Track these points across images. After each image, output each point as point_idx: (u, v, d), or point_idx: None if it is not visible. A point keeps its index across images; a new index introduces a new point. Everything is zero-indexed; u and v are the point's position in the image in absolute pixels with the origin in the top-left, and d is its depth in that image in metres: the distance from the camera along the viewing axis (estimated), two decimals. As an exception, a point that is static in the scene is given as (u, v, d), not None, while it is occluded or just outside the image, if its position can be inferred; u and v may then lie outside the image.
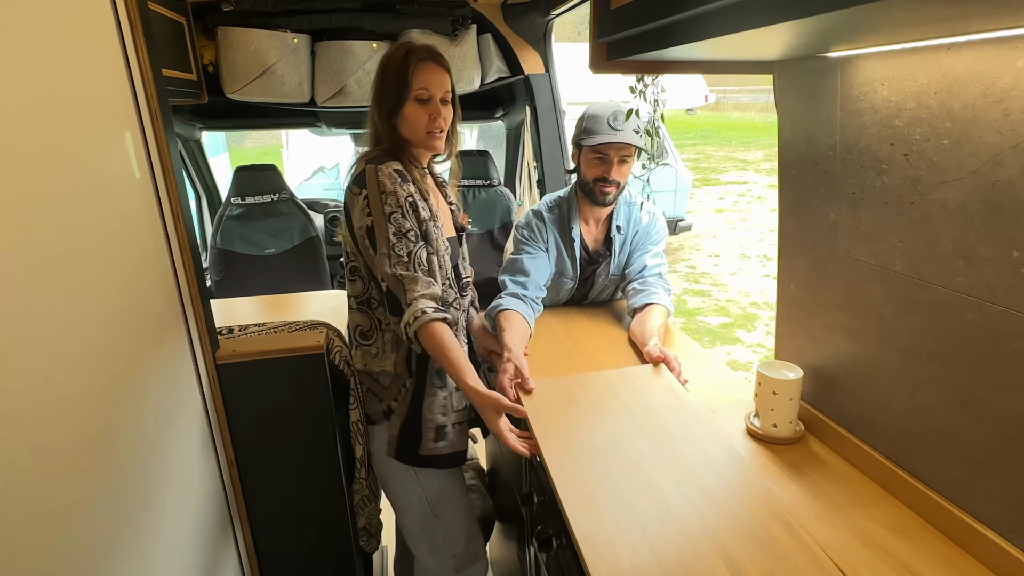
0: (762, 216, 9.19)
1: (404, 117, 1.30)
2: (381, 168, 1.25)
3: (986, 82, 0.75)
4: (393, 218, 1.23)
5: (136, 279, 0.98)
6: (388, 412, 1.38)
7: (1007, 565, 0.83)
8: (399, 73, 1.28)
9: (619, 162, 1.59)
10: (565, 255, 1.74)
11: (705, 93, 9.19)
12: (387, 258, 1.22)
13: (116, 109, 0.98)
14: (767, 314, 5.73)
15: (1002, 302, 0.79)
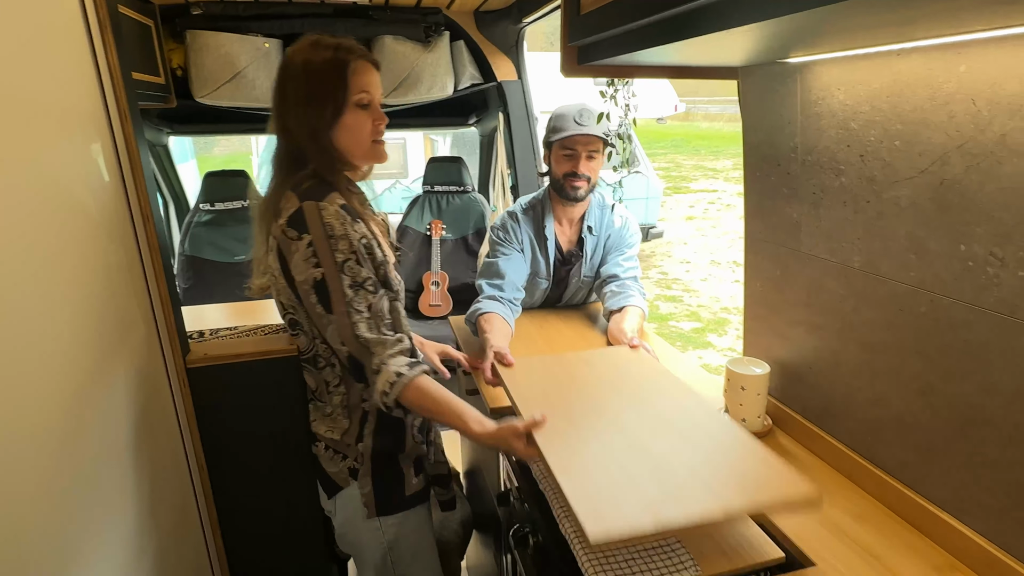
0: (731, 223, 9.39)
1: (345, 127, 1.09)
2: (324, 207, 1.04)
3: (933, 86, 0.80)
4: (347, 267, 1.04)
5: (106, 282, 0.97)
6: (353, 471, 1.20)
7: (960, 543, 0.87)
8: (333, 75, 1.07)
9: (587, 157, 1.64)
10: (539, 255, 1.77)
11: (675, 103, 9.39)
12: (346, 317, 1.04)
13: (85, 113, 0.97)
14: (737, 319, 5.84)
15: (951, 294, 0.84)
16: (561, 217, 1.77)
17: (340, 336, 1.05)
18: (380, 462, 1.20)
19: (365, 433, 1.19)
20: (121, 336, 1.01)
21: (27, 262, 0.75)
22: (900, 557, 0.90)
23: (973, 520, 0.86)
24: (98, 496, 0.87)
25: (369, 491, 1.20)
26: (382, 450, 1.20)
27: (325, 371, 1.16)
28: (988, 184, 0.76)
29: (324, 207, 1.04)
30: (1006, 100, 0.71)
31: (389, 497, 1.22)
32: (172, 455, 1.17)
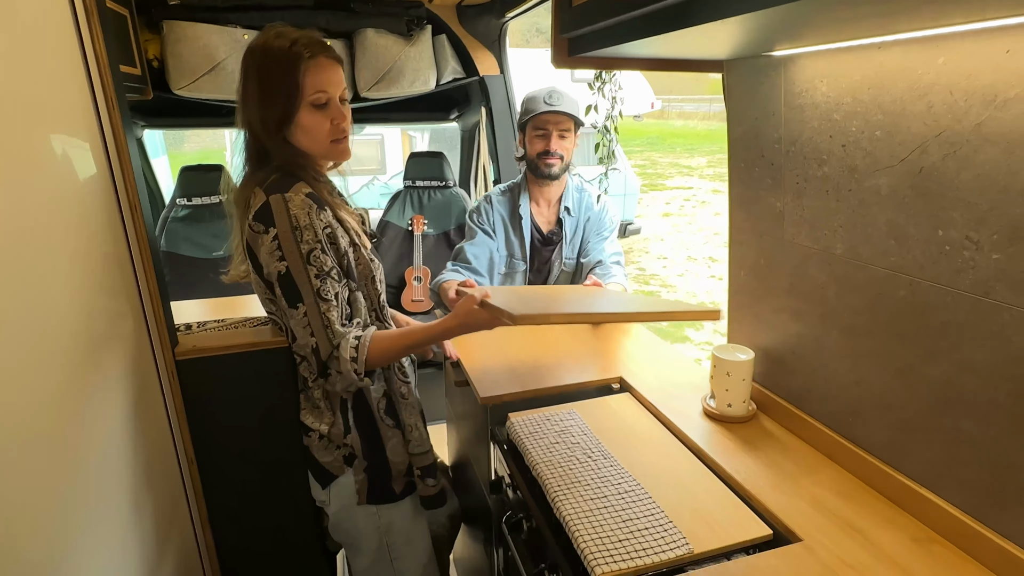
0: (707, 220, 9.54)
1: (300, 127, 1.08)
2: (290, 197, 1.03)
3: (912, 78, 0.83)
4: (313, 257, 1.04)
5: (95, 275, 0.95)
6: (350, 458, 1.22)
7: (937, 516, 0.91)
8: (285, 74, 1.04)
9: (559, 136, 1.73)
10: (513, 235, 1.84)
11: (652, 100, 9.49)
12: (316, 308, 1.05)
13: (73, 105, 0.96)
14: (713, 313, 5.94)
15: (929, 277, 0.88)
16: (539, 198, 1.85)
17: (309, 327, 1.06)
18: (369, 456, 1.23)
19: (351, 424, 1.21)
20: (110, 328, 1.00)
21: (16, 254, 0.73)
22: (881, 530, 0.94)
23: (950, 494, 0.91)
24: (88, 491, 0.86)
25: (363, 479, 1.23)
26: (367, 441, 1.23)
27: (303, 365, 1.17)
28: (964, 172, 0.80)
29: (290, 198, 1.04)
30: (981, 90, 0.75)
31: (381, 487, 1.25)
32: (161, 449, 1.16)
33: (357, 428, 1.22)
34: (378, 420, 1.24)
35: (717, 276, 6.95)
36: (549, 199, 1.86)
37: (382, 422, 1.24)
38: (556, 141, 1.75)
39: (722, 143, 1.23)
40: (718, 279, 6.85)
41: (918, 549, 0.89)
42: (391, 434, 1.25)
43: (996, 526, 0.84)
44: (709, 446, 1.17)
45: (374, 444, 1.24)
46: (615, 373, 1.48)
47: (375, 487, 1.24)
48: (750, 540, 0.95)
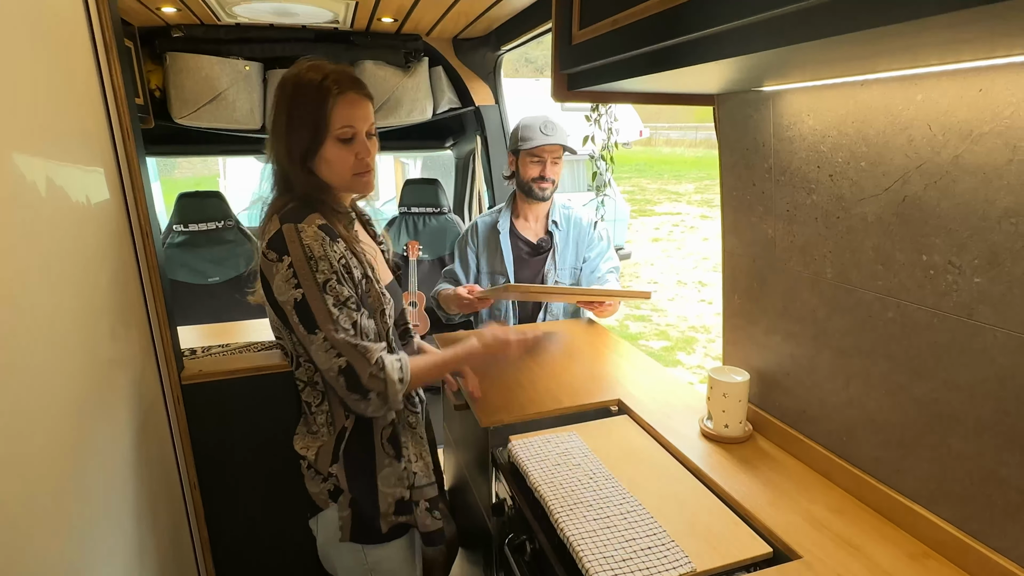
0: (695, 245, 9.67)
1: (324, 160, 1.10)
2: (303, 228, 1.05)
3: (893, 113, 0.89)
4: (329, 287, 1.05)
5: (106, 298, 0.97)
6: (335, 492, 1.19)
7: (931, 532, 0.94)
8: (314, 108, 1.06)
9: (552, 163, 1.93)
10: (494, 251, 2.01)
11: (640, 128, 9.69)
12: (335, 333, 1.05)
13: (92, 133, 1.00)
14: (704, 337, 6.00)
15: (915, 300, 0.92)
16: (527, 213, 2.04)
17: (334, 349, 1.06)
18: (356, 488, 1.18)
19: (340, 453, 1.17)
20: (118, 351, 1.01)
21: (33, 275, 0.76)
22: (877, 547, 0.96)
23: (943, 509, 0.94)
24: (95, 516, 0.87)
25: (347, 515, 1.18)
26: (357, 472, 1.18)
27: (306, 391, 1.17)
28: (944, 201, 0.85)
29: (303, 228, 1.04)
30: (957, 126, 0.80)
31: (366, 527, 1.20)
32: (165, 474, 1.16)
33: (346, 457, 1.18)
34: (377, 448, 1.20)
35: (707, 300, 7.02)
36: (537, 215, 2.06)
37: (381, 450, 1.20)
38: (550, 168, 1.93)
39: (709, 169, 1.29)
40: (708, 303, 6.92)
41: (914, 564, 0.92)
42: (387, 463, 1.20)
43: (988, 540, 0.87)
44: (708, 466, 1.20)
45: (364, 474, 1.19)
46: (613, 395, 1.51)
47: (360, 525, 1.19)
48: (751, 558, 0.97)
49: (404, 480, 1.22)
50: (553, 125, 1.90)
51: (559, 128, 1.92)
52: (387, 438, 1.21)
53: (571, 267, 2.05)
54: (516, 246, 2.04)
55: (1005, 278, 0.79)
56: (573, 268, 2.06)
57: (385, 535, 1.20)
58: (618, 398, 1.50)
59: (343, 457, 1.17)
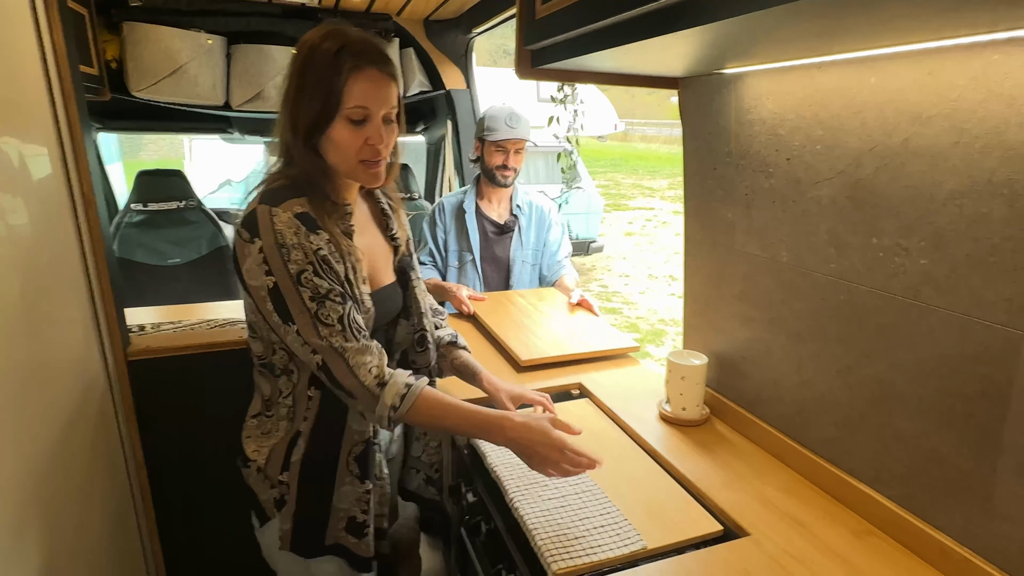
0: (667, 240, 9.77)
1: (330, 140, 0.98)
2: (277, 213, 0.94)
3: (848, 96, 0.90)
4: (304, 279, 0.95)
5: (43, 271, 0.93)
6: (280, 501, 1.07)
7: (875, 510, 0.96)
8: (326, 81, 0.95)
9: (515, 152, 2.05)
10: (460, 230, 2.12)
11: (615, 122, 9.74)
12: (313, 328, 0.95)
13: (30, 102, 0.94)
14: (674, 330, 6.07)
15: (866, 283, 0.93)
16: (491, 196, 2.18)
17: (311, 344, 0.96)
18: (306, 500, 1.07)
19: (292, 461, 1.06)
20: (55, 327, 0.97)
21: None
22: (823, 524, 0.98)
23: (885, 487, 0.96)
24: (23, 500, 0.82)
25: (288, 528, 1.08)
26: (309, 486, 1.07)
27: (281, 379, 1.07)
28: (894, 183, 0.86)
29: (276, 213, 0.94)
30: (908, 108, 0.82)
31: (307, 539, 1.09)
32: (108, 456, 1.12)
33: (303, 466, 1.05)
34: (340, 463, 1.07)
35: (677, 294, 7.10)
36: (501, 198, 2.18)
37: (344, 467, 1.07)
38: (512, 157, 2.06)
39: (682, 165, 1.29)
40: (678, 297, 7.00)
41: (857, 542, 0.94)
42: (348, 481, 1.08)
43: (928, 518, 0.89)
44: (664, 448, 1.21)
45: (319, 488, 1.07)
46: (575, 379, 1.51)
47: (301, 537, 1.09)
48: (701, 536, 0.98)
49: (361, 502, 1.09)
50: (518, 118, 2.03)
51: (523, 121, 2.05)
52: (355, 456, 1.08)
53: (533, 248, 2.20)
54: (482, 226, 2.15)
55: (949, 259, 0.80)
56: (535, 250, 2.20)
57: (327, 548, 1.09)
58: (579, 382, 1.50)
59: (297, 466, 1.05)
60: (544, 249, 2.21)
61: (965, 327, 0.79)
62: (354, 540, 1.09)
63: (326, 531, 1.08)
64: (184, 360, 1.19)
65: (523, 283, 2.19)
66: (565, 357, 1.58)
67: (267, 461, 1.07)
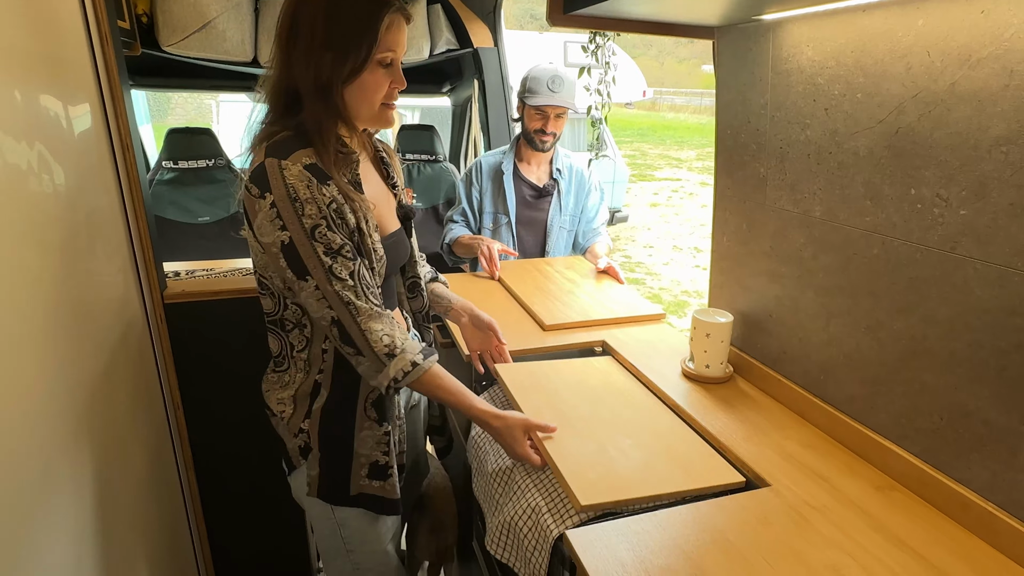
0: (693, 211, 9.61)
1: (360, 85, 0.97)
2: (287, 166, 0.93)
3: (892, 40, 0.87)
4: (318, 233, 0.95)
5: (87, 217, 0.96)
6: (305, 449, 1.11)
7: (898, 465, 0.96)
8: (365, 25, 0.92)
9: (555, 117, 1.97)
10: (497, 192, 2.08)
11: (643, 88, 9.51)
12: (328, 283, 0.96)
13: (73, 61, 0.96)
14: (697, 302, 6.02)
15: (901, 235, 0.92)
16: (530, 159, 2.10)
17: (325, 301, 0.97)
18: (329, 446, 1.10)
19: (314, 409, 1.08)
20: (100, 273, 1.01)
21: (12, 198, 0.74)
22: (844, 478, 0.98)
23: (910, 444, 0.95)
24: (71, 429, 0.87)
25: (316, 475, 1.11)
26: (329, 432, 1.10)
27: (292, 333, 1.08)
28: (937, 130, 0.83)
29: (286, 166, 0.93)
30: (956, 51, 0.78)
31: (333, 488, 1.12)
32: (147, 391, 1.17)
33: (322, 414, 1.08)
34: (358, 411, 1.10)
35: (702, 266, 7.02)
36: (540, 160, 2.11)
37: (363, 414, 1.10)
38: (552, 122, 1.98)
39: (712, 136, 1.26)
40: (703, 269, 6.92)
41: (878, 495, 0.94)
42: (367, 426, 1.10)
43: (952, 472, 0.89)
44: (687, 403, 1.21)
45: (340, 435, 1.10)
46: (598, 337, 1.52)
47: (327, 483, 1.12)
48: (723, 485, 0.99)
49: (382, 444, 1.11)
50: (561, 81, 1.93)
51: (567, 84, 1.94)
52: (372, 402, 1.10)
53: (571, 214, 2.14)
54: (520, 188, 2.10)
55: (991, 209, 0.78)
56: (573, 216, 2.15)
57: (352, 498, 1.12)
58: (603, 339, 1.50)
59: (318, 413, 1.08)
60: (582, 216, 2.16)
61: (1003, 278, 0.78)
62: (378, 483, 1.12)
63: (350, 479, 1.11)
64: (217, 305, 1.23)
65: (559, 249, 2.16)
66: (589, 323, 1.59)
67: (291, 410, 1.10)
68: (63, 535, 0.82)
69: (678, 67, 29.43)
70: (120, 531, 1.00)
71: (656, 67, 26.67)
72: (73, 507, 0.86)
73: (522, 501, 1.03)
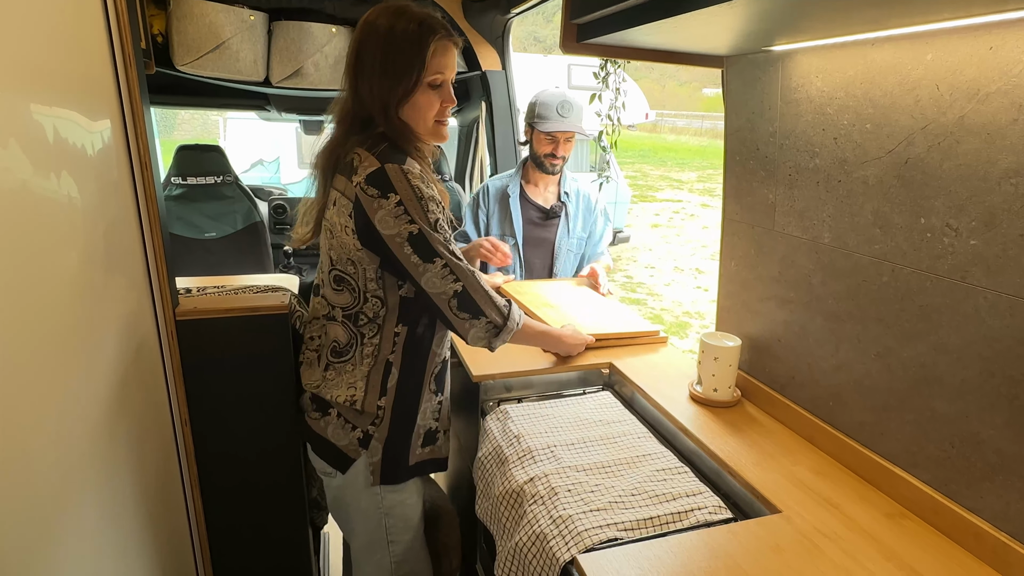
0: (695, 232, 9.66)
1: (413, 105, 1.12)
2: (409, 170, 1.08)
3: (902, 73, 0.89)
4: (439, 226, 1.10)
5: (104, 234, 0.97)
6: (365, 439, 1.20)
7: (909, 493, 0.96)
8: (413, 52, 1.08)
9: (565, 141, 2.00)
10: (504, 214, 2.10)
11: (646, 110, 9.62)
12: (455, 259, 1.11)
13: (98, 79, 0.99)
14: (698, 323, 6.02)
15: (911, 263, 0.93)
16: (538, 181, 2.12)
17: (452, 275, 1.11)
18: (396, 423, 1.21)
19: (388, 386, 1.19)
20: (113, 285, 1.01)
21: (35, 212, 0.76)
22: (855, 505, 0.98)
23: (921, 471, 0.95)
24: (82, 447, 0.86)
25: (378, 460, 1.20)
26: (401, 406, 1.21)
27: (365, 326, 1.17)
28: (947, 162, 0.85)
29: (408, 171, 1.08)
30: (965, 85, 0.80)
31: (395, 467, 1.22)
32: (156, 409, 1.17)
33: (397, 390, 1.20)
34: (425, 384, 1.24)
35: (703, 287, 7.03)
36: (547, 183, 2.14)
37: (427, 387, 1.24)
38: (562, 146, 2.01)
39: (713, 159, 1.29)
40: (704, 290, 6.93)
41: (889, 523, 0.94)
42: (427, 398, 1.25)
43: (963, 501, 0.89)
44: (695, 427, 1.21)
45: (410, 408, 1.22)
46: (605, 359, 1.52)
47: (390, 465, 1.22)
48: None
49: (435, 412, 1.27)
50: (570, 106, 1.96)
51: (575, 109, 1.97)
52: (435, 375, 1.26)
53: (578, 237, 2.16)
54: (527, 211, 2.12)
55: (1000, 240, 0.79)
56: (580, 239, 2.16)
57: (410, 469, 1.25)
58: (610, 361, 1.51)
59: (393, 391, 1.19)
60: (588, 239, 2.19)
61: (1014, 308, 0.78)
62: (428, 448, 1.27)
63: (409, 451, 1.24)
64: (228, 322, 1.23)
65: (566, 271, 2.17)
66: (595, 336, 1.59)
67: (362, 393, 1.18)
68: (77, 548, 0.81)
69: (679, 90, 29.80)
70: (128, 548, 1.00)
71: (658, 90, 27.00)
72: (89, 523, 0.85)
73: (529, 528, 1.02)
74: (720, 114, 1.30)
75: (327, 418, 1.20)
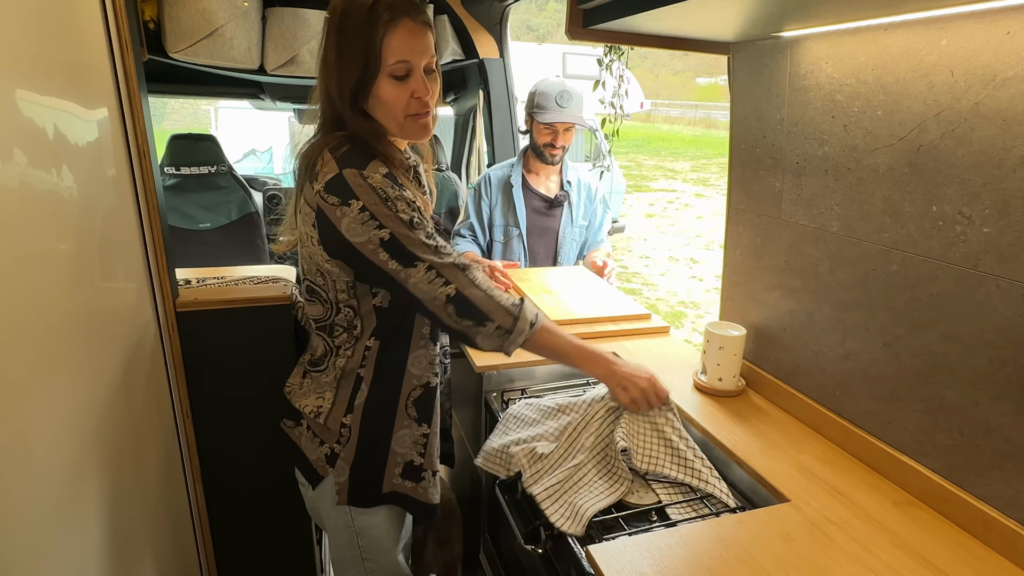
0: (689, 222, 9.67)
1: (376, 99, 0.99)
2: (369, 174, 0.95)
3: (915, 59, 0.88)
4: (415, 223, 0.97)
5: (102, 224, 0.95)
6: (332, 457, 1.09)
7: (917, 482, 0.96)
8: (364, 38, 0.94)
9: (564, 131, 1.99)
10: (507, 204, 2.09)
11: (641, 100, 9.59)
12: (440, 259, 0.98)
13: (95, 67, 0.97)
14: (693, 312, 6.04)
15: (922, 252, 0.92)
16: (539, 170, 2.12)
17: (441, 277, 0.97)
18: (365, 447, 1.09)
19: (356, 404, 1.07)
20: (112, 275, 1.00)
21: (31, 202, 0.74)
22: (863, 494, 0.98)
23: (930, 460, 0.95)
24: (83, 442, 0.85)
25: (344, 480, 1.09)
26: (369, 427, 1.09)
27: (339, 337, 1.07)
28: (960, 149, 0.84)
29: (368, 175, 0.95)
30: (981, 70, 0.79)
31: (364, 489, 1.11)
32: (157, 401, 1.15)
33: (366, 408, 1.07)
34: (400, 408, 1.10)
35: (698, 277, 7.05)
36: (549, 172, 2.13)
37: (403, 411, 1.10)
38: (562, 136, 2.00)
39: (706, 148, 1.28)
40: (698, 280, 6.95)
41: (898, 511, 0.94)
42: (406, 424, 1.10)
43: (972, 489, 0.89)
44: (700, 416, 1.21)
45: (379, 431, 1.09)
46: (608, 349, 1.51)
47: (358, 487, 1.10)
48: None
49: (418, 445, 1.12)
50: (569, 96, 1.93)
51: (575, 99, 1.94)
52: (413, 400, 1.11)
53: (580, 226, 2.16)
54: (530, 200, 2.11)
55: (1014, 227, 0.79)
56: (582, 228, 2.17)
57: (385, 496, 1.11)
58: (613, 351, 1.50)
59: (360, 408, 1.08)
60: (588, 228, 2.19)
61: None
62: (411, 484, 1.11)
63: (383, 478, 1.10)
64: (230, 314, 1.22)
65: (569, 259, 2.18)
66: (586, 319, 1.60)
67: (329, 405, 1.08)
68: (81, 540, 0.80)
69: (673, 79, 29.69)
70: (131, 540, 0.99)
71: (651, 79, 26.89)
72: (92, 516, 0.84)
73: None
74: (714, 103, 1.30)
75: (299, 428, 1.12)
